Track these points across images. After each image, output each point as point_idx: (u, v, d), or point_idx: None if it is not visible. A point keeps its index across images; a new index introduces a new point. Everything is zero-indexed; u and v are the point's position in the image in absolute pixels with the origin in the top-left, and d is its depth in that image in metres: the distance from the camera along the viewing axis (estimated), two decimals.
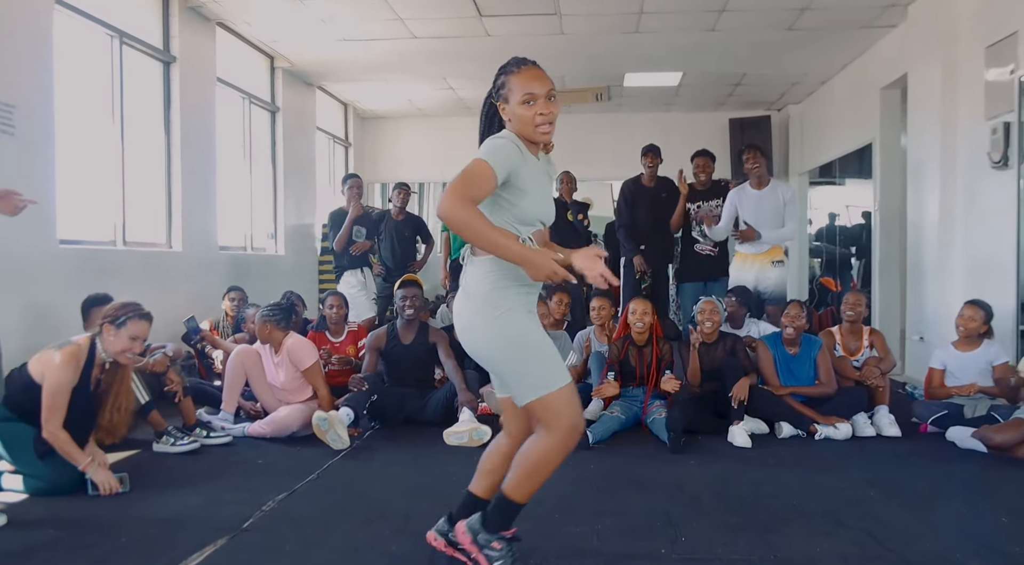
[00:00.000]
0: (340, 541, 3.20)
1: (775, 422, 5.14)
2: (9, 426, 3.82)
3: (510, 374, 2.61)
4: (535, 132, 2.60)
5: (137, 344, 4.00)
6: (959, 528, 3.35)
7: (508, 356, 2.59)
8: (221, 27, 7.56)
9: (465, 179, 2.43)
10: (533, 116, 2.57)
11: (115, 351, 3.96)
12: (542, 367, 2.56)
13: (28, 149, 4.98)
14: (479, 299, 2.60)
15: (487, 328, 2.59)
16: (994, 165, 5.69)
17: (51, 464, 3.81)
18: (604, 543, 3.16)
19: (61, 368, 3.79)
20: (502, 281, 2.57)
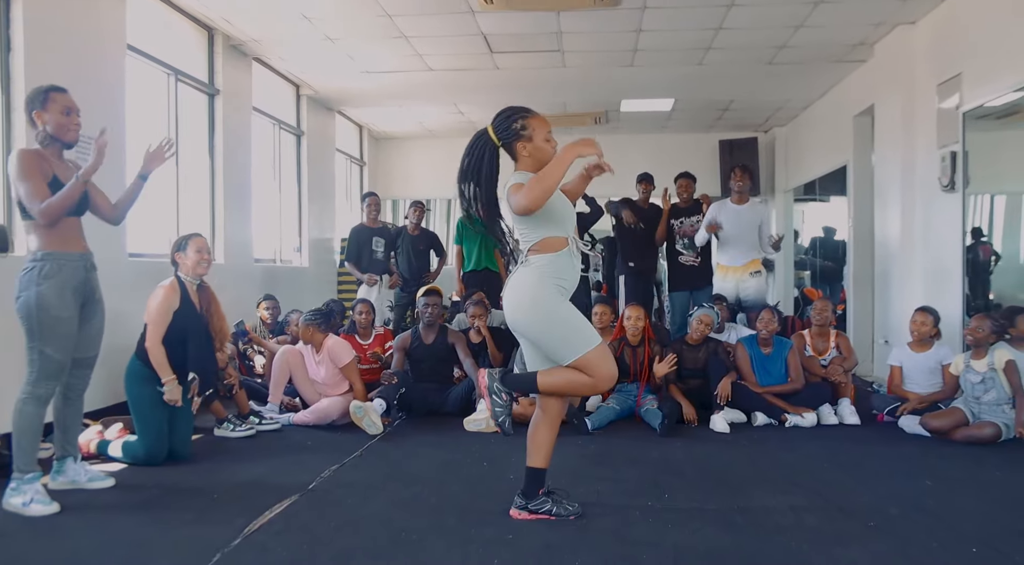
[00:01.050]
0: (389, 497, 3.98)
1: (751, 412, 5.91)
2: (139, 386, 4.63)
3: (554, 341, 3.36)
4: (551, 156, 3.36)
5: (204, 254, 4.91)
6: (890, 488, 4.14)
7: (551, 327, 3.35)
8: (257, 62, 8.37)
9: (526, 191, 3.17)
10: (552, 147, 3.39)
11: (191, 266, 4.87)
12: (579, 333, 3.35)
13: (107, 176, 5.71)
14: (529, 287, 3.36)
15: (536, 307, 3.35)
16: (943, 188, 6.49)
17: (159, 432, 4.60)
18: (604, 499, 3.93)
19: (161, 297, 4.71)
20: (547, 277, 3.35)
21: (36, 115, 3.85)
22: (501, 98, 10.14)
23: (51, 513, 3.66)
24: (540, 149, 3.38)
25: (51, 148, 3.91)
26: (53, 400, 4.03)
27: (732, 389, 5.88)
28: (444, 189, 13.19)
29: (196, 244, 4.88)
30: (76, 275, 3.87)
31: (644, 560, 3.09)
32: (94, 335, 4.07)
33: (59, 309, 3.78)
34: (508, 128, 3.39)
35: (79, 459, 4.17)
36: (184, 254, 4.86)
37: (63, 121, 3.86)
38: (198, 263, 4.87)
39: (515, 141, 3.39)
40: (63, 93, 3.89)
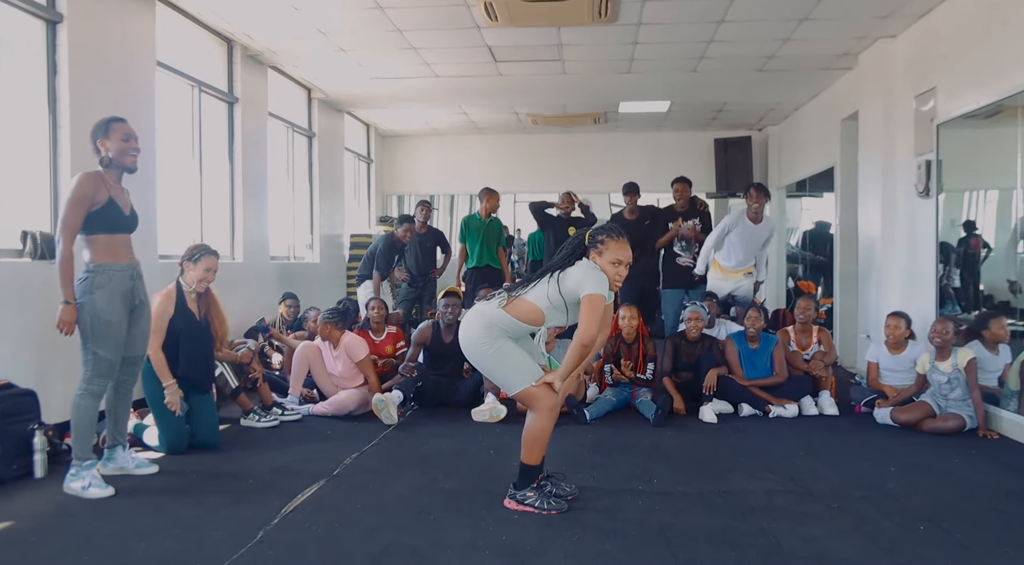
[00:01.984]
0: (408, 480, 4.45)
1: (737, 403, 6.38)
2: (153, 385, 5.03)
3: (499, 375, 3.98)
4: (611, 284, 3.87)
5: (210, 274, 5.23)
6: (856, 474, 4.61)
7: (496, 364, 3.95)
8: (273, 69, 8.80)
9: (596, 314, 3.75)
10: (615, 274, 3.88)
11: (193, 280, 5.17)
12: (519, 371, 3.91)
13: (140, 184, 6.13)
14: (480, 326, 3.93)
15: (481, 345, 3.94)
16: (919, 194, 6.92)
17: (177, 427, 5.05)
18: (599, 483, 4.41)
19: (159, 303, 5.04)
20: (499, 329, 3.91)
21: (100, 143, 4.28)
22: (504, 101, 10.63)
23: (107, 496, 4.12)
24: (602, 266, 3.86)
25: (111, 172, 4.33)
26: (107, 393, 4.48)
27: (720, 382, 6.34)
28: (448, 185, 13.74)
29: (207, 263, 5.18)
30: (124, 284, 4.32)
31: (633, 536, 3.56)
32: (141, 335, 4.52)
33: (110, 314, 4.23)
34: (595, 236, 3.92)
35: (127, 447, 4.64)
36: (193, 266, 5.17)
37: (123, 147, 4.30)
38: (200, 280, 5.19)
39: (591, 248, 3.92)
40: (123, 123, 4.34)
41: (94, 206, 4.19)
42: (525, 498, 3.95)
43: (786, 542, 3.48)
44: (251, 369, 6.07)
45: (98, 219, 4.22)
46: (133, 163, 4.37)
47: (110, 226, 4.27)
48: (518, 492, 3.98)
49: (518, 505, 3.95)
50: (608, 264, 3.86)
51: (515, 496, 3.98)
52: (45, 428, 4.64)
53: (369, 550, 3.38)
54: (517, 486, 4.00)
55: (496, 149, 13.27)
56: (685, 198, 7.99)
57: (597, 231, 3.94)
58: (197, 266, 5.18)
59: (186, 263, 5.21)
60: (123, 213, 4.35)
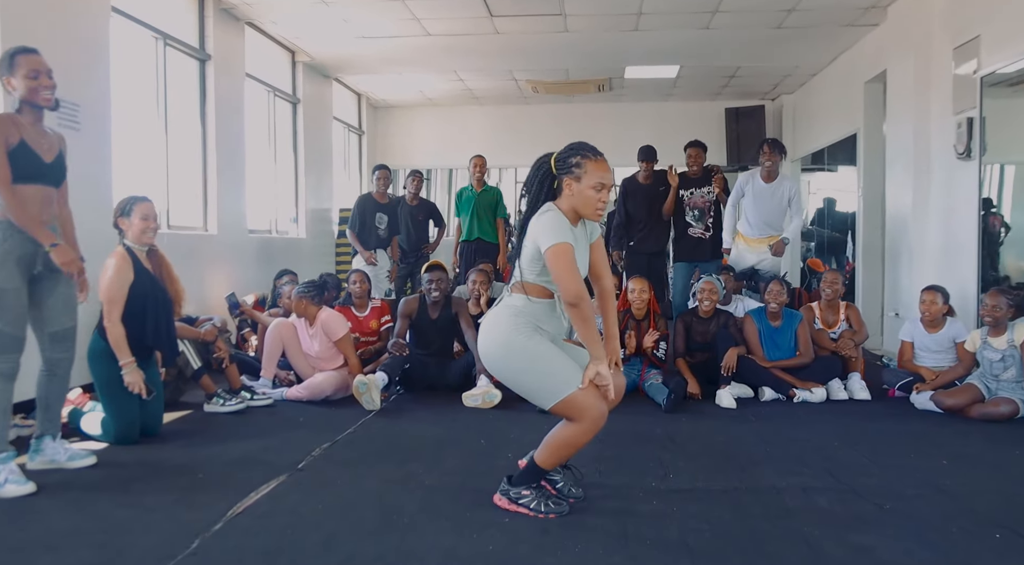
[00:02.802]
0: (382, 476, 3.81)
1: (758, 387, 5.74)
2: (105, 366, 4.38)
3: (530, 383, 3.21)
4: (593, 213, 3.19)
5: (150, 222, 4.50)
6: (904, 468, 3.96)
7: (526, 368, 3.18)
8: (250, 26, 8.13)
9: (568, 267, 3.05)
10: (597, 201, 3.16)
11: (137, 234, 4.46)
12: (557, 375, 3.13)
13: (91, 143, 5.55)
14: (503, 326, 3.20)
15: (508, 348, 3.19)
16: (959, 156, 6.26)
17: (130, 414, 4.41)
18: (605, 479, 3.77)
19: (113, 271, 4.36)
20: (522, 316, 3.19)
21: (5, 81, 3.65)
22: (502, 64, 9.94)
23: (26, 494, 3.50)
24: (582, 194, 3.16)
25: (27, 113, 3.68)
26: (38, 376, 3.90)
27: (739, 363, 5.69)
28: (445, 159, 13.05)
29: (141, 210, 4.47)
30: (24, 247, 3.63)
31: (648, 545, 2.92)
32: (60, 306, 3.86)
33: (4, 281, 3.58)
34: (565, 160, 3.19)
35: (58, 437, 4.00)
36: (128, 220, 4.47)
37: (31, 85, 3.63)
38: (144, 231, 4.48)
39: (564, 175, 3.19)
40: (30, 54, 3.66)
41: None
42: (520, 496, 3.28)
43: (834, 552, 2.84)
44: (215, 348, 5.44)
45: (11, 164, 3.56)
46: (48, 101, 3.70)
47: (25, 174, 3.61)
48: (512, 488, 3.31)
49: (510, 503, 3.29)
50: (590, 190, 3.15)
51: (508, 492, 3.31)
52: None
53: (323, 564, 2.75)
54: (513, 481, 3.33)
55: (495, 120, 12.59)
56: (699, 164, 7.28)
57: (567, 154, 3.20)
58: (132, 218, 4.46)
59: (121, 220, 4.49)
60: (40, 160, 3.68)
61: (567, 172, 3.17)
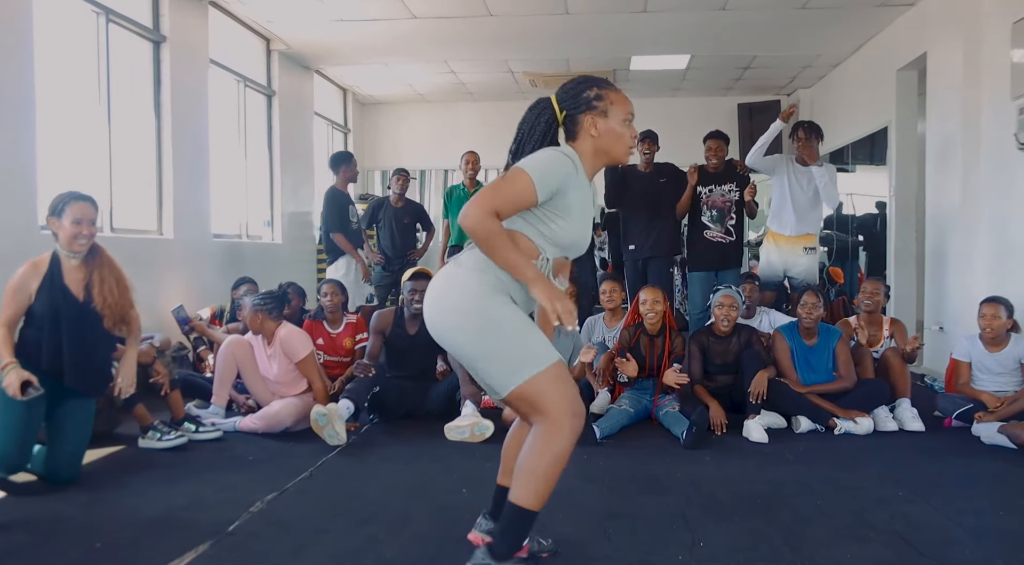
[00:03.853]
0: (330, 546, 2.96)
1: (792, 416, 4.90)
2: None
3: (485, 359, 2.36)
4: (626, 152, 2.55)
5: (83, 227, 3.71)
6: (997, 531, 3.11)
7: (483, 343, 2.35)
8: (214, 6, 7.30)
9: (497, 191, 2.31)
10: (630, 137, 2.52)
11: (67, 238, 3.70)
12: (522, 347, 2.31)
13: (7, 131, 4.74)
14: (457, 285, 2.40)
15: (463, 320, 2.36)
16: (1020, 146, 5.44)
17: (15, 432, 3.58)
18: (616, 549, 2.92)
19: (17, 276, 3.69)
20: (488, 277, 2.39)
21: None
22: (496, 52, 9.11)
23: None
24: (612, 132, 2.49)
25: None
26: None
27: (770, 388, 4.84)
28: (438, 159, 12.19)
29: (74, 211, 3.69)
30: None
31: None
32: None
33: None
34: (578, 96, 2.47)
35: None
36: (59, 222, 3.70)
37: None
38: (75, 237, 3.70)
39: (585, 112, 2.46)
40: None
41: None
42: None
43: None
44: (153, 372, 4.59)
45: None
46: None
47: None
48: (495, 562, 2.44)
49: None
50: (621, 124, 2.49)
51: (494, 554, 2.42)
52: None
53: None
54: (495, 550, 2.43)
55: (490, 117, 11.71)
56: (720, 158, 6.41)
57: (580, 89, 2.49)
58: (63, 220, 3.68)
59: (51, 220, 3.71)
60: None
61: (587, 108, 2.47)
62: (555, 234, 2.43)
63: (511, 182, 2.31)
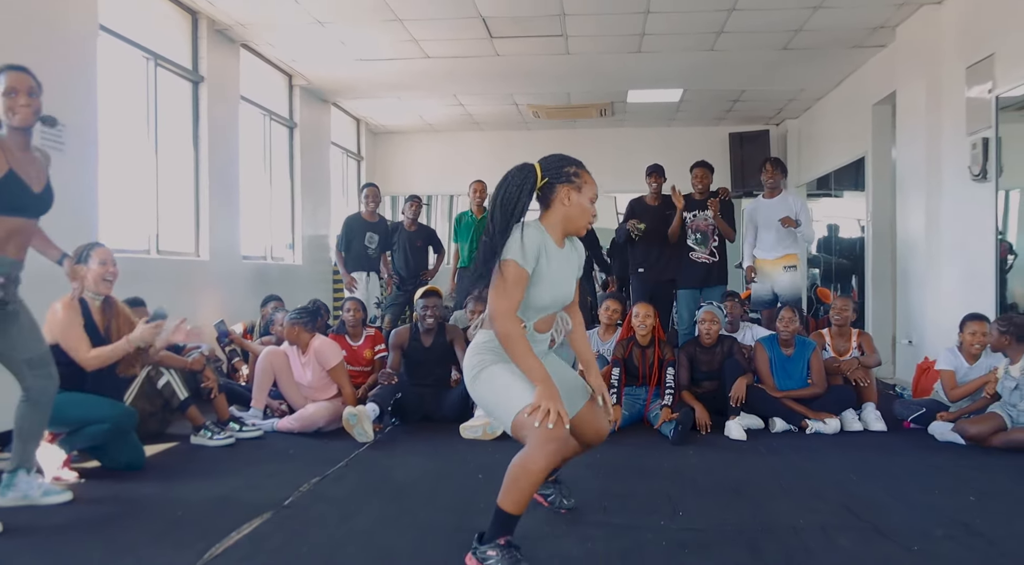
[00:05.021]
0: (374, 513, 3.57)
1: (769, 417, 5.50)
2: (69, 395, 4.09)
3: (491, 409, 2.99)
4: (583, 227, 3.02)
5: (109, 267, 4.36)
6: (930, 505, 3.72)
7: (487, 397, 2.97)
8: (245, 48, 7.98)
9: (502, 292, 2.84)
10: (591, 215, 3.01)
11: (95, 279, 4.31)
12: (508, 400, 2.87)
13: (75, 164, 5.36)
14: (469, 358, 3.02)
15: (469, 373, 3.00)
16: (974, 178, 6.06)
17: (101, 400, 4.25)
18: (611, 517, 3.53)
19: (64, 312, 4.22)
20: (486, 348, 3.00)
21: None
22: (502, 87, 9.78)
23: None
24: (581, 206, 2.98)
25: (13, 136, 3.46)
26: (17, 407, 3.67)
27: (749, 392, 5.46)
28: (446, 185, 12.89)
29: (100, 255, 4.32)
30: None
31: None
32: (27, 332, 3.65)
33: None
34: (560, 169, 2.98)
35: (33, 471, 3.77)
36: (86, 267, 4.29)
37: (7, 103, 3.41)
38: (101, 278, 4.33)
39: (563, 183, 2.96)
40: (13, 72, 3.44)
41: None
42: (486, 557, 2.89)
43: None
44: (204, 378, 5.21)
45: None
46: (24, 120, 3.45)
47: (11, 206, 3.40)
48: (480, 547, 2.92)
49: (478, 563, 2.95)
50: (588, 202, 2.99)
51: (476, 551, 2.94)
52: None
53: None
54: (484, 538, 2.93)
55: (495, 146, 12.40)
56: (706, 185, 7.05)
57: (560, 164, 2.99)
58: (90, 263, 4.31)
59: (77, 268, 4.20)
60: (29, 190, 3.46)
61: (566, 180, 2.96)
62: (531, 299, 2.97)
63: (506, 277, 2.83)
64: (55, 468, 4.16)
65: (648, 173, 7.20)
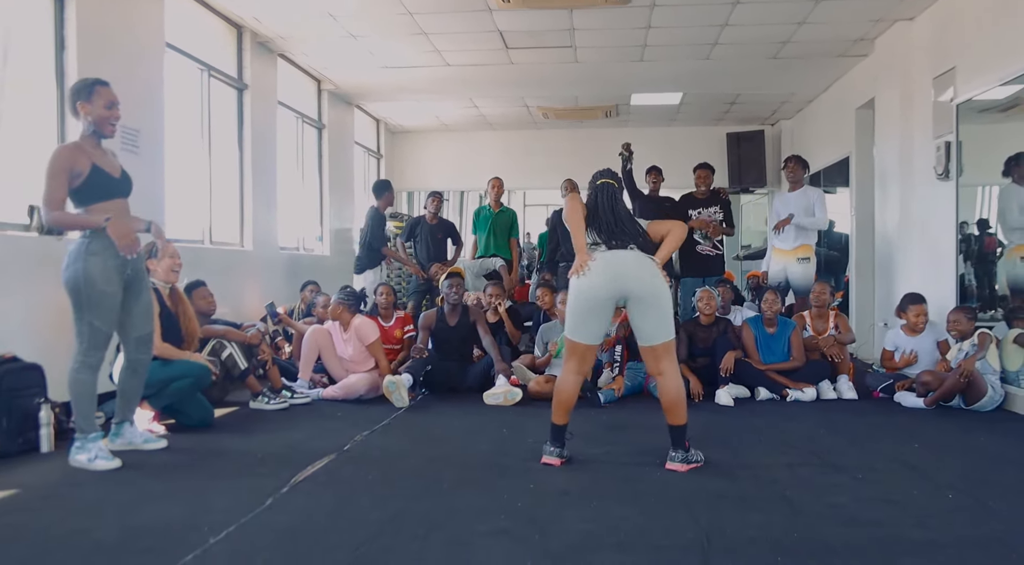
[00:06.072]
0: (419, 456, 4.35)
1: (754, 387, 6.27)
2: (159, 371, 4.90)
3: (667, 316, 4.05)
4: None
5: (177, 260, 5.22)
6: (880, 450, 4.49)
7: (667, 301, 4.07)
8: (282, 58, 8.75)
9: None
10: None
11: (165, 271, 5.17)
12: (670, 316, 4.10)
13: (147, 165, 6.11)
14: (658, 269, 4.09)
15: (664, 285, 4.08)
16: (939, 177, 6.80)
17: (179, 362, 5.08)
18: (614, 457, 4.31)
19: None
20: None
21: (80, 106, 4.11)
22: (515, 92, 10.55)
23: (114, 468, 4.03)
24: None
25: (89, 139, 4.16)
26: (120, 372, 4.44)
27: (736, 366, 6.22)
28: (458, 181, 13.67)
29: (167, 250, 5.06)
30: (119, 255, 4.10)
31: (653, 503, 3.45)
32: (143, 313, 4.38)
33: (104, 284, 4.07)
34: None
35: (133, 423, 4.54)
36: (156, 261, 5.10)
37: (105, 114, 4.13)
38: (170, 269, 5.16)
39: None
40: (107, 87, 4.16)
41: (77, 178, 4.03)
42: (692, 456, 4.09)
43: (811, 508, 3.37)
44: (260, 351, 5.98)
45: (88, 189, 4.07)
46: (112, 132, 4.21)
47: (102, 193, 4.13)
48: (686, 453, 4.07)
49: (688, 465, 4.04)
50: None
51: (687, 458, 4.06)
52: (52, 404, 4.56)
53: (380, 516, 3.27)
54: (682, 448, 4.07)
55: (506, 145, 13.19)
56: (707, 185, 7.83)
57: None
58: (161, 259, 5.13)
59: (150, 262, 5.04)
60: (112, 177, 4.20)
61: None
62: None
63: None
64: (146, 422, 4.94)
65: (647, 172, 8.02)
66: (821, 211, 7.54)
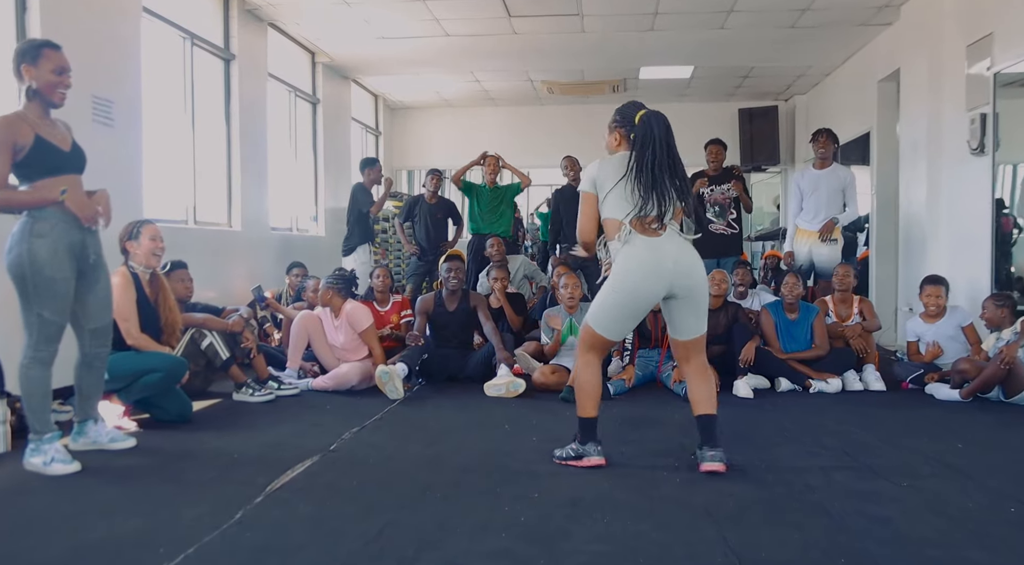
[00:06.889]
0: (412, 456, 3.94)
1: (775, 378, 5.84)
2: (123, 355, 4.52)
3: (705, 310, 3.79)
4: None
5: (158, 242, 4.76)
6: (918, 448, 4.06)
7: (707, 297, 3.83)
8: (272, 27, 8.29)
9: None
10: None
11: (145, 254, 4.71)
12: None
13: (122, 139, 5.71)
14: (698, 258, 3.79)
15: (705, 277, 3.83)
16: (972, 152, 6.35)
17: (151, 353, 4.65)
18: (629, 459, 3.88)
19: (120, 286, 4.55)
20: None
21: (25, 69, 3.64)
22: (518, 65, 10.07)
23: (72, 472, 3.62)
24: None
25: (35, 107, 3.69)
26: (75, 368, 4.02)
27: (756, 354, 5.80)
28: (460, 159, 13.00)
29: (150, 232, 4.69)
30: (71, 235, 3.68)
31: (673, 515, 3.04)
32: (100, 303, 3.96)
33: (53, 270, 3.63)
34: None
35: (100, 421, 4.13)
36: (136, 243, 4.68)
37: (53, 80, 3.66)
38: (151, 253, 4.72)
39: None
40: (57, 50, 3.69)
41: (20, 152, 3.57)
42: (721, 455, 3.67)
43: (854, 522, 2.95)
44: (243, 339, 5.56)
45: (31, 162, 3.61)
46: (61, 99, 3.72)
47: (49, 167, 3.66)
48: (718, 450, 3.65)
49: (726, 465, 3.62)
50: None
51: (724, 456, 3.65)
52: (11, 399, 4.15)
53: (364, 531, 2.86)
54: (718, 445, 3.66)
55: (510, 121, 12.72)
56: (719, 161, 7.38)
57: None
58: (140, 240, 4.70)
59: (129, 244, 4.69)
60: (60, 150, 3.72)
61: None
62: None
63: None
64: (115, 418, 4.54)
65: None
66: (852, 204, 7.09)
